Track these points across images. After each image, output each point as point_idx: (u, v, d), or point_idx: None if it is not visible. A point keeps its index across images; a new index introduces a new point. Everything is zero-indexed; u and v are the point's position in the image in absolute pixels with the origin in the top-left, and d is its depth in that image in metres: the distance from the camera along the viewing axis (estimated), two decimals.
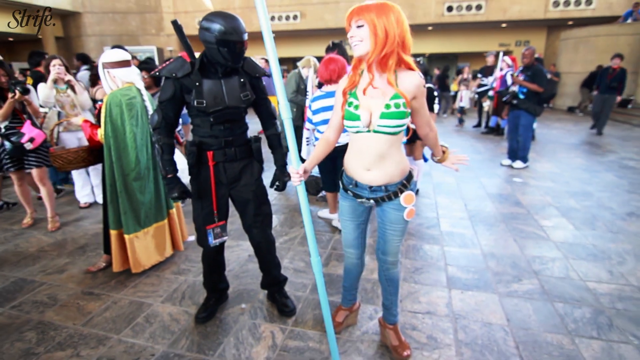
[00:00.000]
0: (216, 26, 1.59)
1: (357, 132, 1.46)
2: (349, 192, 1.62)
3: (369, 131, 1.43)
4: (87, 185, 3.96)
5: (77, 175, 3.88)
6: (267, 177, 2.22)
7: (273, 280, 2.15)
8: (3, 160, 3.22)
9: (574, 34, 11.65)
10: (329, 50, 3.74)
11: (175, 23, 1.74)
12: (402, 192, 1.53)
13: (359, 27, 1.32)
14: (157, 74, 1.77)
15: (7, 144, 3.07)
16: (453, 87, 11.72)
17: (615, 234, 3.11)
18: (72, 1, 13.31)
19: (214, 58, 1.69)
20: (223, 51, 1.63)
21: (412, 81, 1.38)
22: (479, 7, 12.69)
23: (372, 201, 1.58)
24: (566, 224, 3.31)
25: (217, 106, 1.73)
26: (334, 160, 2.87)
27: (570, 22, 12.96)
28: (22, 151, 3.12)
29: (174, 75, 1.70)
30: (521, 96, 4.99)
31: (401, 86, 1.38)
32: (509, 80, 5.53)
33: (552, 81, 10.73)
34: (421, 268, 2.60)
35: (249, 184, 1.92)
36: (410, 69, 1.38)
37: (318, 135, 3.14)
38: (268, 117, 1.99)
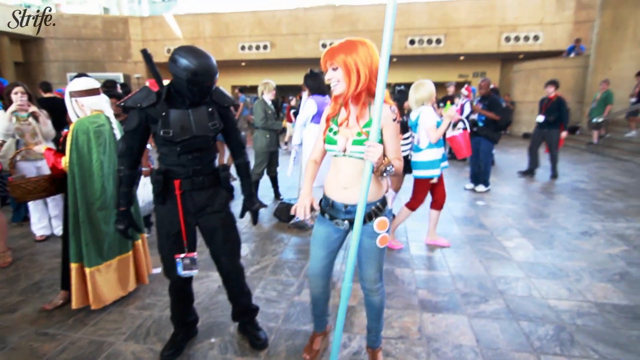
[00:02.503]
0: (188, 64, 1.58)
1: (335, 155, 1.58)
2: (326, 214, 1.65)
3: (344, 155, 1.55)
4: (44, 217, 3.74)
5: (33, 206, 3.67)
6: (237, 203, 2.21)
7: (243, 309, 2.09)
8: None
9: (525, 67, 12.62)
10: (307, 78, 3.88)
11: (144, 52, 1.75)
12: (376, 215, 1.58)
13: (334, 69, 1.44)
14: (123, 104, 1.75)
15: None
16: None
17: (571, 252, 3.30)
18: (34, 27, 12.97)
19: (181, 91, 1.70)
20: (192, 89, 1.65)
21: (384, 113, 1.48)
22: (438, 41, 13.57)
23: (346, 222, 1.61)
24: (527, 244, 3.48)
25: (184, 136, 1.72)
26: None
27: (521, 56, 14.08)
28: None
29: (138, 105, 1.69)
30: (480, 124, 5.31)
31: (373, 117, 1.46)
32: (467, 110, 5.88)
33: (507, 110, 11.47)
34: (393, 292, 2.63)
35: (217, 212, 1.90)
36: (385, 101, 1.49)
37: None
38: (237, 147, 2.01)
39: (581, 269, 2.98)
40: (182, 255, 1.83)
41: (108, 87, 3.78)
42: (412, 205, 3.33)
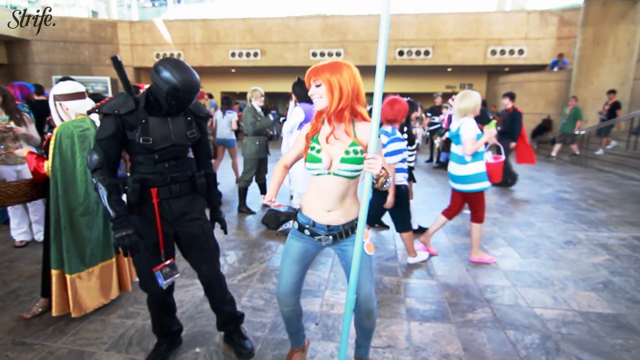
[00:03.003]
0: (171, 78, 1.57)
1: (318, 174, 1.54)
2: (305, 231, 1.63)
3: (329, 174, 1.53)
4: (24, 222, 3.63)
5: (13, 210, 3.56)
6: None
7: (228, 317, 2.05)
8: None
9: (510, 79, 12.95)
10: (295, 86, 3.90)
11: (115, 59, 1.71)
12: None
13: (317, 85, 1.48)
14: (97, 110, 1.70)
15: None
16: None
17: (556, 261, 3.35)
18: (20, 28, 12.75)
19: (159, 101, 1.67)
20: (171, 102, 1.64)
21: (368, 131, 1.49)
22: (427, 53, 13.81)
23: (330, 237, 1.60)
24: (513, 253, 3.52)
25: (163, 144, 1.70)
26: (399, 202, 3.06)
27: (506, 69, 14.43)
28: None
29: (116, 112, 1.65)
30: None
31: (358, 135, 1.52)
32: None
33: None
34: (381, 301, 2.62)
35: (196, 219, 1.87)
36: (365, 119, 1.54)
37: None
38: (206, 157, 1.99)
39: (566, 277, 3.02)
40: (162, 266, 1.78)
41: (98, 95, 3.74)
42: (480, 218, 3.21)
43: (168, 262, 1.81)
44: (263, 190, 5.01)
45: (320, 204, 1.58)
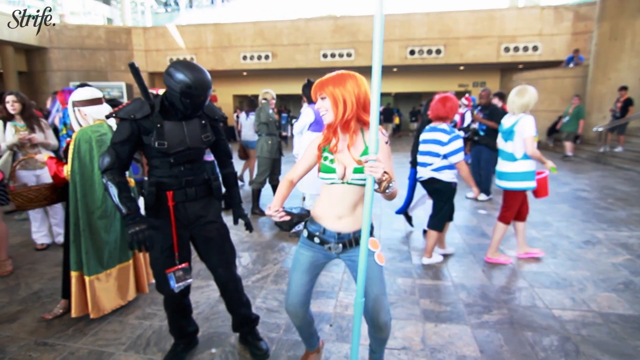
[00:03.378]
0: (182, 77, 1.60)
1: (332, 183, 1.55)
2: (315, 239, 1.63)
3: (342, 183, 1.53)
4: (44, 225, 3.74)
5: (33, 214, 3.67)
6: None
7: (244, 319, 2.07)
8: None
9: (524, 77, 12.71)
10: (305, 88, 3.92)
11: (132, 66, 1.75)
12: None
13: (322, 99, 1.50)
14: (114, 115, 1.75)
15: None
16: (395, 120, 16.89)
17: (574, 261, 3.27)
18: (39, 37, 13.13)
19: (174, 104, 1.71)
20: (185, 102, 1.66)
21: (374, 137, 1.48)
22: (438, 52, 13.68)
23: (340, 246, 1.59)
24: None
25: (178, 147, 1.73)
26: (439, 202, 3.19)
27: (520, 66, 14.19)
28: None
29: (132, 116, 1.69)
30: (481, 133, 5.32)
31: (368, 143, 1.49)
32: (468, 119, 5.90)
33: None
34: (395, 302, 2.61)
35: (212, 222, 1.89)
36: None
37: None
38: (225, 157, 2.03)
39: (585, 278, 2.96)
40: (175, 269, 1.81)
41: (114, 101, 3.84)
42: (507, 219, 3.16)
43: (182, 265, 1.83)
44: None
45: (332, 211, 1.58)
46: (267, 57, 14.57)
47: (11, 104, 3.29)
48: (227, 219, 2.00)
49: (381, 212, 4.78)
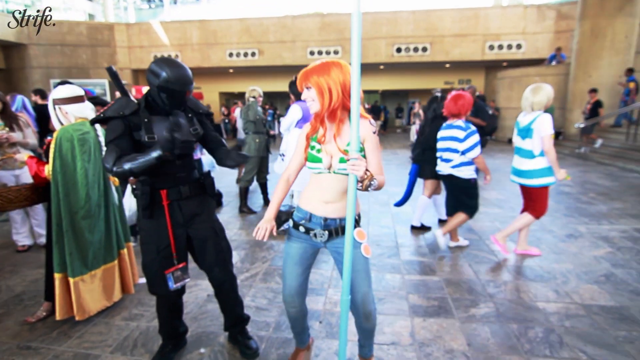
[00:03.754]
0: (162, 73, 1.61)
1: (319, 172, 1.55)
2: (300, 227, 1.63)
3: (329, 172, 1.53)
4: (25, 226, 3.64)
5: (14, 215, 3.57)
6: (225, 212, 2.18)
7: (237, 319, 2.06)
8: None
9: (508, 74, 12.93)
10: (292, 85, 3.89)
11: (110, 69, 1.76)
12: (354, 227, 1.56)
13: (307, 88, 1.49)
14: (102, 115, 1.72)
15: None
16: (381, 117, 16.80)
17: (558, 255, 3.35)
18: (17, 32, 12.74)
19: (155, 100, 1.71)
20: (162, 96, 1.67)
21: (363, 127, 1.49)
22: (424, 49, 13.82)
23: (325, 233, 1.59)
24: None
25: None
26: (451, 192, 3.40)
27: (504, 64, 14.42)
28: None
29: (121, 113, 1.68)
30: None
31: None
32: None
33: (493, 116, 11.72)
34: (384, 298, 2.63)
35: (207, 221, 1.88)
36: (361, 116, 1.50)
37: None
38: (218, 143, 1.95)
39: (567, 271, 3.03)
40: (173, 269, 1.79)
41: (97, 98, 3.73)
42: (539, 212, 3.19)
43: (180, 265, 1.81)
44: (264, 190, 5.02)
45: (320, 195, 1.58)
46: (253, 54, 14.47)
47: None
48: (222, 217, 1.98)
49: (369, 209, 4.81)
